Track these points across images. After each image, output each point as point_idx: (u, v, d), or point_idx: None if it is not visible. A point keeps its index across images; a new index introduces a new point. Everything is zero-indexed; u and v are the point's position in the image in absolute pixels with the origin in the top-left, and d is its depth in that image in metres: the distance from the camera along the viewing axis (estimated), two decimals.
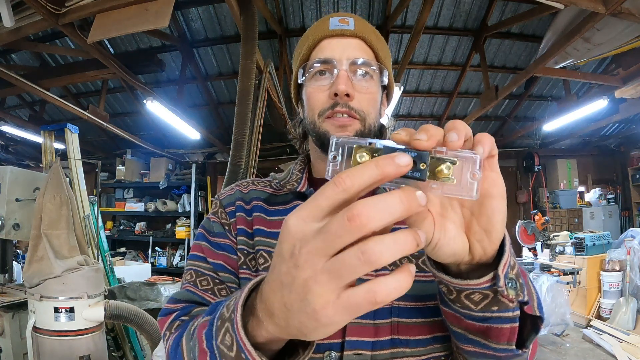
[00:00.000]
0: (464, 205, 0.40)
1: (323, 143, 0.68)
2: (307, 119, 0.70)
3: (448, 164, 0.33)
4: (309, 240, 0.29)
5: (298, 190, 0.72)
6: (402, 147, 0.34)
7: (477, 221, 0.39)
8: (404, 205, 0.28)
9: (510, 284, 0.41)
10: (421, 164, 0.33)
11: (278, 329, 0.34)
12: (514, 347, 0.45)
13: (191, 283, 0.65)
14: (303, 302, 0.30)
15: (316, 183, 0.75)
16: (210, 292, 0.65)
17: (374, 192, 0.73)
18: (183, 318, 0.60)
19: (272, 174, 0.80)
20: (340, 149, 0.35)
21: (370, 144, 0.34)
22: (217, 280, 0.66)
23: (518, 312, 0.43)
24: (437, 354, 0.58)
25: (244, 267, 0.67)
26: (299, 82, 0.71)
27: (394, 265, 0.60)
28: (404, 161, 0.29)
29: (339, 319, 0.30)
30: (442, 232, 0.38)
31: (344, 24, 0.67)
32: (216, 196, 0.77)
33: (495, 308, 0.42)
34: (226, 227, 0.70)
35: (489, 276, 0.40)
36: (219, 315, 0.41)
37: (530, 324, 0.48)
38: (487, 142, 0.36)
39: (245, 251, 0.68)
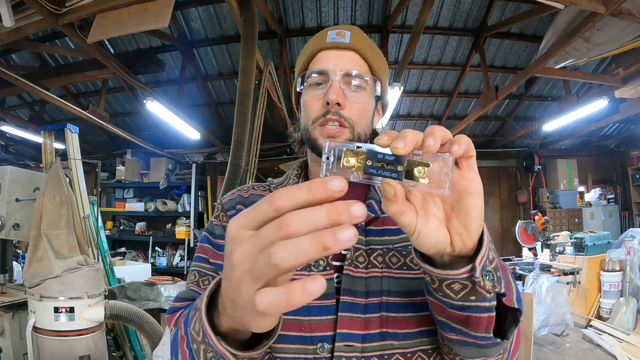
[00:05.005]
0: (445, 201, 0.43)
1: (314, 148, 0.71)
2: (302, 125, 0.74)
3: (420, 168, 0.38)
4: (242, 243, 0.32)
5: None
6: (387, 151, 0.38)
7: (456, 216, 0.42)
8: (329, 218, 0.29)
9: (487, 276, 0.44)
10: (398, 166, 0.38)
11: (230, 320, 0.38)
12: (492, 335, 0.48)
13: (194, 283, 0.70)
14: (238, 296, 0.33)
15: None
16: None
17: (366, 188, 0.73)
18: None
19: (269, 179, 0.84)
20: (332, 151, 0.40)
21: (357, 147, 0.39)
22: None
23: (494, 303, 0.46)
24: (424, 347, 0.61)
25: None
26: (298, 90, 0.75)
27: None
28: (337, 186, 0.30)
29: (264, 314, 0.32)
30: (424, 223, 0.42)
31: (340, 37, 0.71)
32: (219, 200, 0.80)
33: (473, 297, 0.45)
34: None
35: (467, 267, 0.43)
36: (194, 305, 0.46)
37: (511, 316, 0.51)
38: (463, 142, 0.39)
39: None
